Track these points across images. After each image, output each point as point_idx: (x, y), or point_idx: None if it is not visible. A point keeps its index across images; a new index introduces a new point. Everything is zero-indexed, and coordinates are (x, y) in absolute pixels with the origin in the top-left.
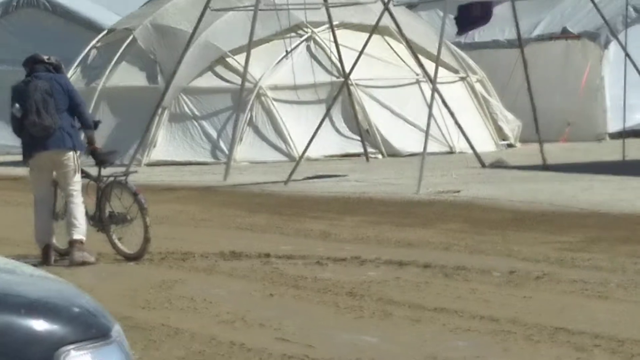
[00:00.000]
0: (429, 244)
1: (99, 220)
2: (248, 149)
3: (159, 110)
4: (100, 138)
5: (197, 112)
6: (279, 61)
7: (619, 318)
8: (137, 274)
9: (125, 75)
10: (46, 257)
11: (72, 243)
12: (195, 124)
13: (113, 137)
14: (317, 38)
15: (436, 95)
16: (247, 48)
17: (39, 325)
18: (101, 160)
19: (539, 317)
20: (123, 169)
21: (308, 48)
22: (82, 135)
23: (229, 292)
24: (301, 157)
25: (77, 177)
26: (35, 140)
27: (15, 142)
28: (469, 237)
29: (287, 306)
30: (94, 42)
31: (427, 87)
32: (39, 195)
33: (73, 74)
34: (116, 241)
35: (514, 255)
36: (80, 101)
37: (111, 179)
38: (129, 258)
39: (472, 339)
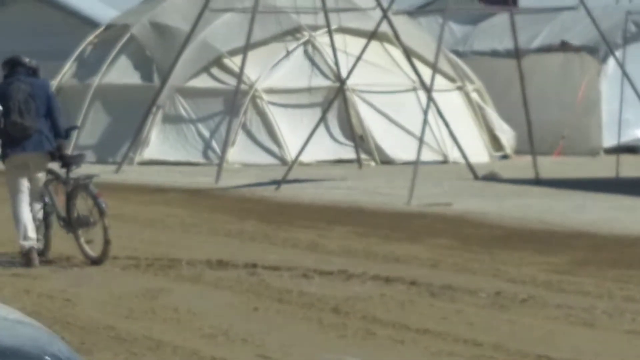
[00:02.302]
0: (417, 260)
1: (68, 222)
2: (241, 151)
3: (154, 109)
4: (94, 135)
5: (191, 113)
6: (277, 64)
7: (602, 348)
8: (123, 281)
9: (121, 73)
10: (28, 262)
11: (30, 251)
12: (189, 124)
13: (106, 134)
14: (315, 42)
15: (432, 103)
16: (244, 50)
17: None
18: (68, 162)
19: (522, 343)
20: (113, 168)
21: (306, 52)
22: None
23: (214, 304)
24: (294, 161)
25: (43, 180)
26: (14, 141)
27: None
28: (457, 254)
29: (271, 321)
30: (91, 37)
31: (423, 95)
32: (15, 192)
33: (68, 70)
34: (82, 243)
35: (501, 275)
36: (57, 108)
37: (72, 181)
38: (92, 261)
39: None
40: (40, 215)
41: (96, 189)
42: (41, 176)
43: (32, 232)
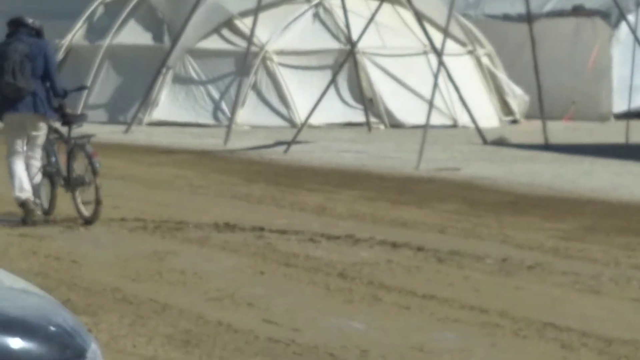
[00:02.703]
0: (424, 225)
1: (68, 181)
2: (250, 113)
3: (163, 70)
4: (104, 95)
5: (201, 74)
6: (287, 25)
7: (608, 315)
8: (130, 242)
9: (132, 34)
10: (27, 213)
11: (25, 203)
12: (199, 85)
13: (116, 94)
14: (326, 4)
15: (442, 67)
16: (255, 11)
17: (15, 343)
18: (69, 121)
19: (529, 310)
20: (123, 128)
21: (317, 14)
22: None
23: (220, 267)
24: (303, 124)
25: (42, 141)
26: (8, 100)
27: None
28: (465, 219)
29: (277, 285)
30: None
31: (434, 59)
32: (11, 151)
33: (79, 30)
34: (79, 203)
35: (509, 241)
36: (54, 69)
37: (73, 141)
38: (85, 221)
39: (460, 330)
40: (39, 174)
41: (92, 148)
42: (38, 135)
43: (27, 185)
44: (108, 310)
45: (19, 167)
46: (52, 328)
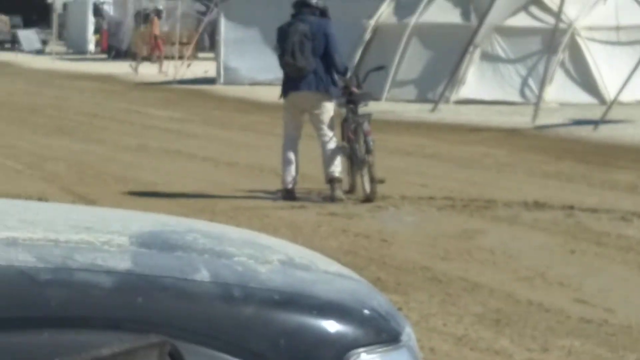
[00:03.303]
0: None
1: (350, 158)
2: (558, 90)
3: (471, 48)
4: (411, 73)
5: (508, 51)
6: (596, 1)
7: None
8: (438, 221)
9: (439, 12)
10: (291, 197)
11: (331, 180)
12: (506, 63)
13: (423, 72)
14: None
15: None
16: None
17: (331, 326)
18: (354, 100)
19: None
20: (429, 106)
21: None
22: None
23: (530, 245)
24: (613, 100)
25: (327, 119)
26: (290, 80)
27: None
28: None
29: (589, 264)
30: None
31: None
32: (287, 134)
33: (386, 9)
34: (364, 180)
35: None
36: (335, 47)
37: (356, 119)
38: (365, 199)
39: None
40: (333, 151)
41: (368, 127)
42: (320, 113)
43: (295, 171)
44: (417, 289)
45: (290, 151)
46: (367, 312)
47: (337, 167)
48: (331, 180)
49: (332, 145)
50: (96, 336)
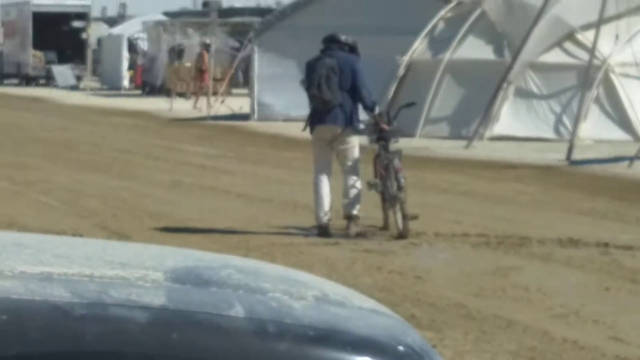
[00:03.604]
0: None
1: (382, 195)
2: (593, 127)
3: (504, 85)
4: (445, 109)
5: (542, 88)
6: (631, 38)
7: None
8: (472, 258)
9: (472, 49)
10: (325, 234)
11: (349, 217)
12: (540, 99)
13: (457, 109)
14: None
15: None
16: (597, 24)
17: None
18: (384, 137)
19: None
20: (463, 143)
21: None
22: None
23: (564, 283)
24: None
25: (354, 154)
26: (316, 113)
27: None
28: None
29: (623, 302)
30: (442, 13)
31: None
32: (318, 168)
33: (419, 45)
34: (397, 218)
35: None
36: (362, 82)
37: (387, 156)
38: (398, 236)
39: None
40: (354, 188)
41: (399, 163)
42: (346, 149)
43: (328, 206)
44: (452, 326)
45: (324, 185)
46: (402, 348)
47: (357, 205)
48: (349, 217)
49: (355, 183)
50: None
